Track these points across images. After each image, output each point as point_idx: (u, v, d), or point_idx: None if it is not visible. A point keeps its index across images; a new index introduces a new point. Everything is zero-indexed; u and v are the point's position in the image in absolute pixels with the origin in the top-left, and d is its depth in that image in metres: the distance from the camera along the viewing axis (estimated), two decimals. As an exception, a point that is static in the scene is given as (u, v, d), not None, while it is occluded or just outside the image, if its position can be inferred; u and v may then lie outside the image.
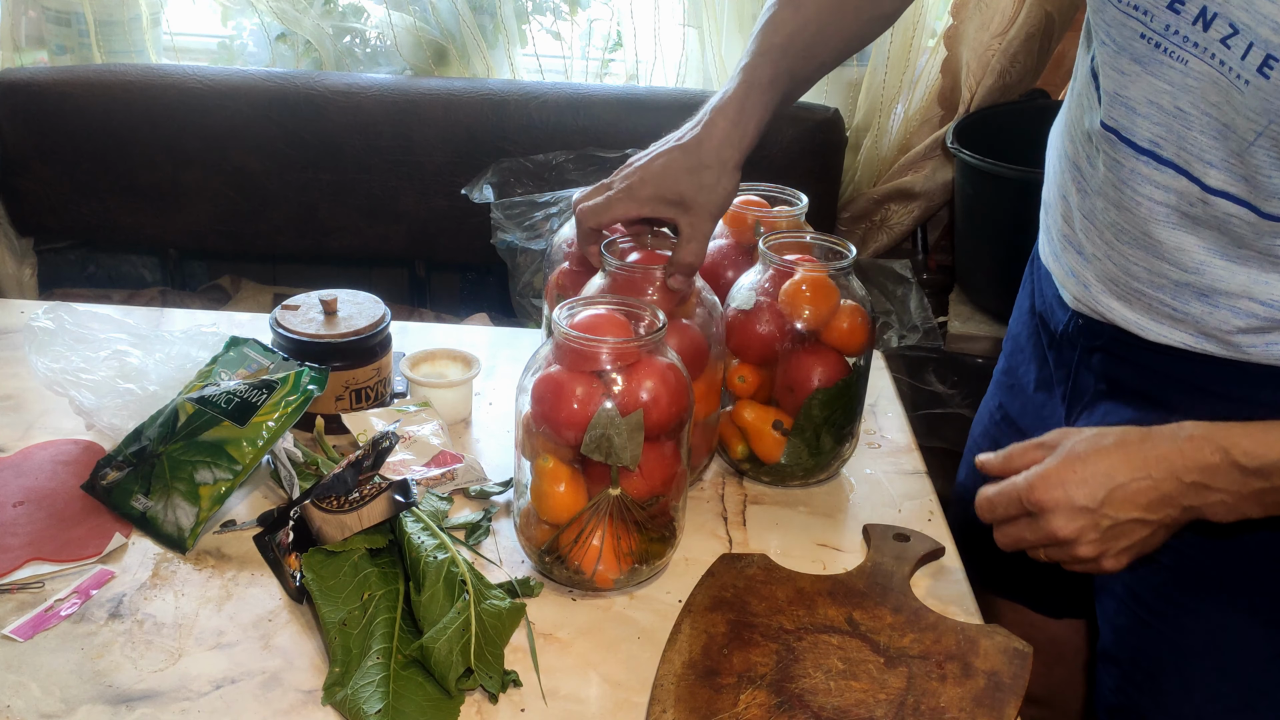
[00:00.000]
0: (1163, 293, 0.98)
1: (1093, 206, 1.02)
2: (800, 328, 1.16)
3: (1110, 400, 1.07)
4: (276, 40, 2.33)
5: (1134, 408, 1.05)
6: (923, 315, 2.20)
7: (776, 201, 1.30)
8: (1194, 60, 0.88)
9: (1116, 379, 1.06)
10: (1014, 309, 1.25)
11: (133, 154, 2.18)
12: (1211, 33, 0.85)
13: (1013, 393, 1.23)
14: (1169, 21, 0.88)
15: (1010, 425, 1.23)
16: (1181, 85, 0.89)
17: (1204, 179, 0.91)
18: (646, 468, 1.01)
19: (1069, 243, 1.07)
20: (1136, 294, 1.00)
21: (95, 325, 1.29)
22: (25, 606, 1.00)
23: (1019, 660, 0.98)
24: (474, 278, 2.46)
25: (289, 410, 1.12)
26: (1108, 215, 1.00)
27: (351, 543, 1.02)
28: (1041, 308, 1.15)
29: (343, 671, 0.93)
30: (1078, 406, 1.11)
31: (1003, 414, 1.25)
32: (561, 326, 0.99)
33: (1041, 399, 1.17)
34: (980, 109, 2.14)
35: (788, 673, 0.96)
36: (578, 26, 2.35)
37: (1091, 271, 1.04)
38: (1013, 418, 1.23)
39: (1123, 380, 1.06)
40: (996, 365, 1.27)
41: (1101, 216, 1.01)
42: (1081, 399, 1.11)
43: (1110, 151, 0.97)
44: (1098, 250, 1.02)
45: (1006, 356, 1.25)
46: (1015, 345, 1.23)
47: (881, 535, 1.14)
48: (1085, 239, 1.04)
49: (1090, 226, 1.03)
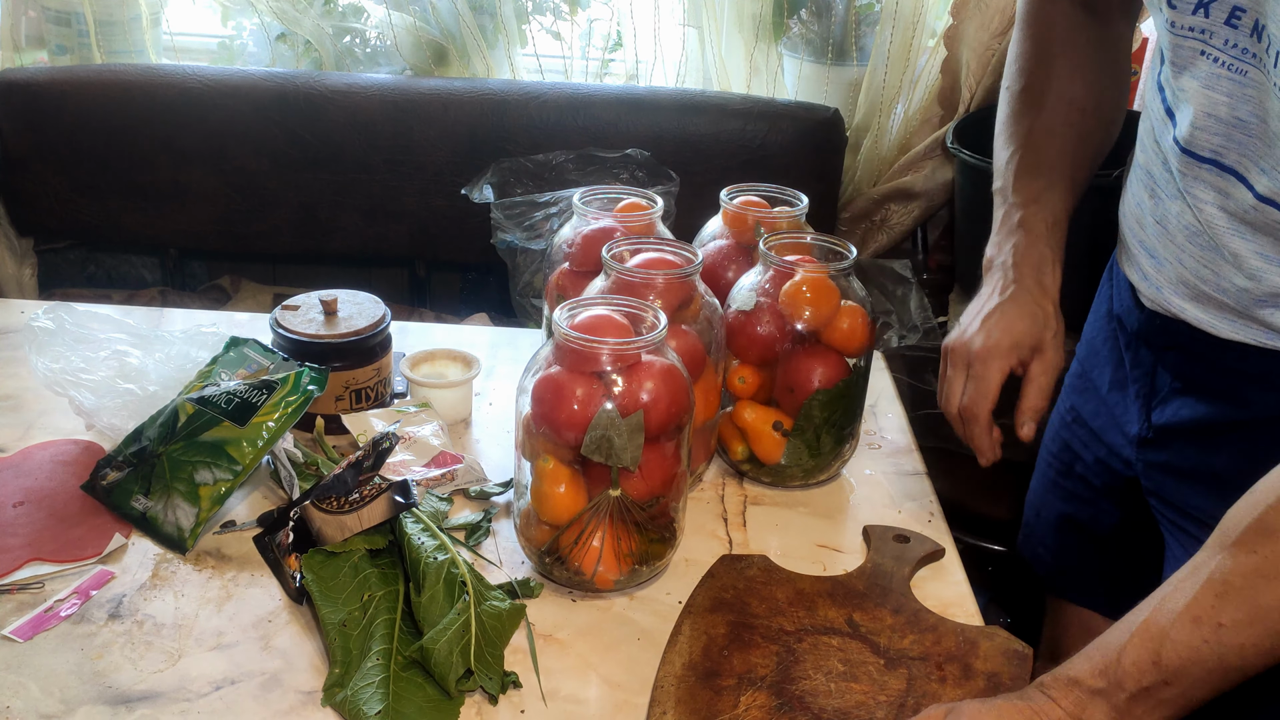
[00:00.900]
0: (1226, 296, 1.00)
1: (1165, 212, 1.05)
2: (800, 328, 1.16)
3: (1184, 396, 1.09)
4: (276, 40, 2.33)
5: (1207, 404, 1.07)
6: (923, 315, 2.20)
7: (777, 202, 1.30)
8: (1253, 71, 0.91)
9: (1191, 376, 1.08)
10: (1089, 314, 1.27)
11: (133, 154, 2.18)
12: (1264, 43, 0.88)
13: (1085, 395, 1.25)
14: (1228, 36, 0.91)
15: (1082, 426, 1.25)
16: (1240, 96, 0.92)
17: (1256, 186, 0.93)
18: (647, 469, 1.00)
19: (1143, 247, 1.09)
20: (1206, 296, 1.02)
21: (95, 325, 1.29)
22: (25, 607, 1.00)
23: (1019, 662, 0.98)
24: (474, 278, 2.45)
25: (289, 411, 1.12)
26: (1179, 220, 1.03)
27: (351, 543, 1.02)
28: (1119, 310, 1.17)
29: (342, 672, 0.93)
30: (1153, 403, 1.13)
31: (1074, 415, 1.27)
32: (562, 327, 0.99)
33: (1115, 399, 1.19)
34: (980, 109, 2.14)
35: (788, 674, 0.96)
36: (578, 26, 2.35)
37: (1164, 274, 1.07)
38: (1084, 419, 1.25)
39: (1197, 377, 1.08)
40: (1068, 370, 1.29)
41: (1173, 222, 1.04)
42: (1157, 396, 1.12)
43: (1177, 161, 1.00)
44: (1169, 254, 1.05)
45: (1080, 361, 1.28)
46: (1090, 349, 1.25)
47: (881, 536, 1.14)
48: (1158, 243, 1.07)
49: (1163, 231, 1.05)
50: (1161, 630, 0.82)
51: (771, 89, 2.29)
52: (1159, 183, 1.05)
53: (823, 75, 2.28)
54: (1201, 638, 0.80)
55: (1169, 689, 0.82)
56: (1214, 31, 0.93)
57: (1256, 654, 0.80)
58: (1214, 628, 0.80)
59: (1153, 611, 0.84)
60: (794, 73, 2.31)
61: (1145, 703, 0.82)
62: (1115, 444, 1.19)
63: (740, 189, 1.31)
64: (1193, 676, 0.81)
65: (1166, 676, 0.82)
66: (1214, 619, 0.80)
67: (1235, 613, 0.79)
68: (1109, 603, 1.31)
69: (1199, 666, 0.81)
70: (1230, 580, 0.80)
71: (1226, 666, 0.80)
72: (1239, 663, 0.80)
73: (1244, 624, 0.79)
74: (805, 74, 2.30)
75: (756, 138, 2.15)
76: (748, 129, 2.15)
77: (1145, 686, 0.82)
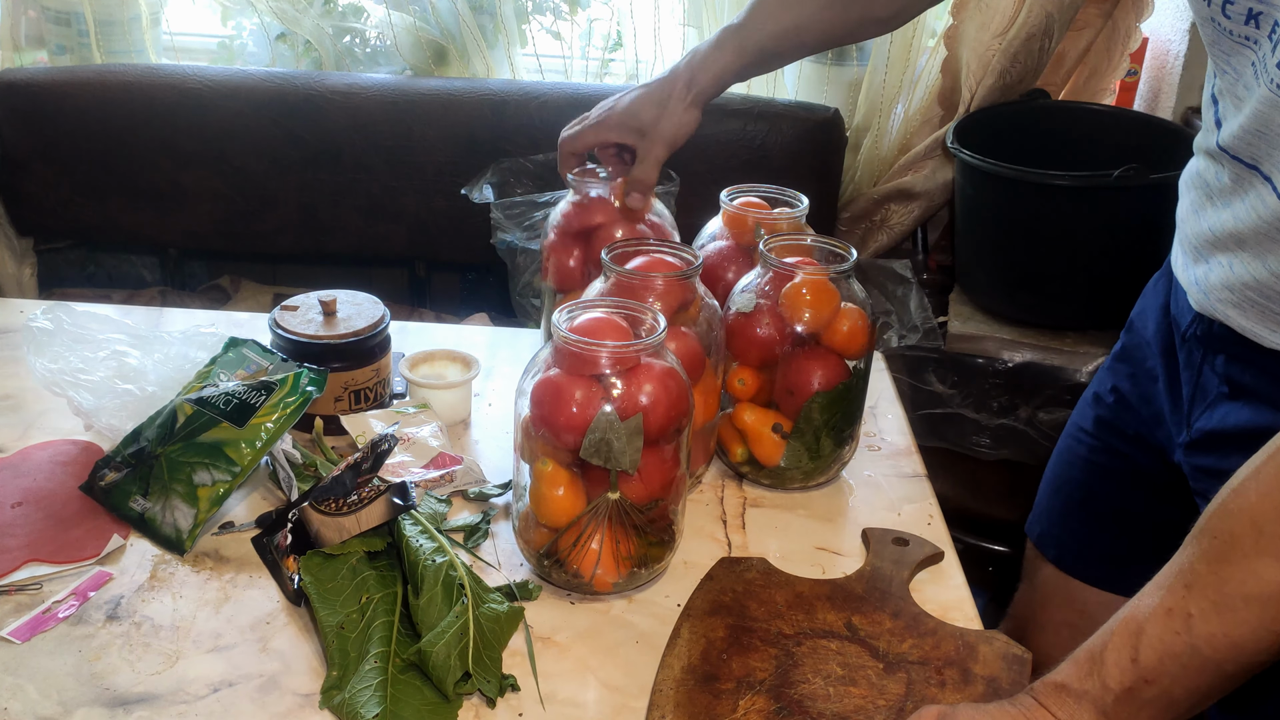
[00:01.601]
0: (1272, 302, 1.00)
1: (1217, 219, 1.05)
2: (800, 330, 1.16)
3: (1231, 401, 1.09)
4: (276, 40, 2.32)
5: (1254, 409, 1.07)
6: (923, 315, 2.19)
7: (777, 203, 1.30)
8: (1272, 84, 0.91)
9: (1238, 382, 1.08)
10: (1139, 304, 1.27)
11: (133, 154, 2.18)
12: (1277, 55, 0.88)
13: (1132, 381, 1.25)
14: (1265, 50, 0.91)
15: (1127, 409, 1.25)
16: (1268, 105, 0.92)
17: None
18: (646, 471, 1.00)
19: (1198, 252, 1.10)
20: (1251, 303, 1.02)
21: (94, 325, 1.29)
22: (23, 608, 1.00)
23: (1018, 666, 0.97)
24: (474, 278, 2.45)
25: (288, 412, 1.12)
26: (1227, 227, 1.03)
27: (350, 545, 1.02)
28: (1175, 311, 1.18)
29: (340, 675, 0.93)
30: (1200, 406, 1.13)
31: (1117, 396, 1.27)
32: (561, 330, 0.99)
33: (1167, 395, 1.19)
34: (980, 109, 2.14)
35: (787, 678, 0.95)
36: (578, 26, 2.35)
37: (1211, 279, 1.07)
38: (1131, 403, 1.24)
39: (1244, 383, 1.08)
40: (1109, 354, 1.31)
41: (1223, 228, 1.04)
42: (1205, 399, 1.12)
43: (1226, 167, 1.01)
44: (1220, 260, 1.05)
45: (1125, 346, 1.28)
46: (1139, 339, 1.25)
47: (881, 539, 1.14)
48: (1211, 249, 1.07)
49: (1215, 238, 1.05)
50: (1139, 625, 0.82)
51: (771, 89, 2.29)
52: (1213, 190, 1.06)
53: (823, 75, 2.28)
54: (1174, 630, 0.81)
55: (1150, 688, 0.82)
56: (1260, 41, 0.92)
57: (1227, 645, 0.79)
58: (1184, 619, 0.80)
59: (1132, 608, 0.84)
60: (794, 73, 2.31)
61: (1130, 704, 0.82)
62: (1162, 438, 1.19)
63: (740, 189, 1.30)
64: (1170, 673, 0.81)
65: (1146, 675, 0.81)
66: (1184, 609, 0.80)
67: (1202, 601, 0.80)
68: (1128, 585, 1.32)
69: (1174, 661, 0.81)
70: (1196, 568, 0.81)
71: (1201, 660, 0.80)
72: (1211, 654, 0.80)
73: (1210, 612, 0.79)
74: (805, 74, 2.30)
75: (756, 138, 2.15)
76: (748, 129, 2.15)
77: (1127, 687, 0.82)
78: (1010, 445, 2.07)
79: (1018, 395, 2.06)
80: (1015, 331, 2.07)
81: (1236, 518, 0.79)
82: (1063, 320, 2.06)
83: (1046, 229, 1.95)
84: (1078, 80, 2.24)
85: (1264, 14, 0.91)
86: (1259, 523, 0.78)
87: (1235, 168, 0.99)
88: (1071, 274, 1.99)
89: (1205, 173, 1.07)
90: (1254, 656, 0.80)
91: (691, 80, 1.24)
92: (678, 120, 1.24)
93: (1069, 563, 1.36)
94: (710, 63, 1.25)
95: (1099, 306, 1.99)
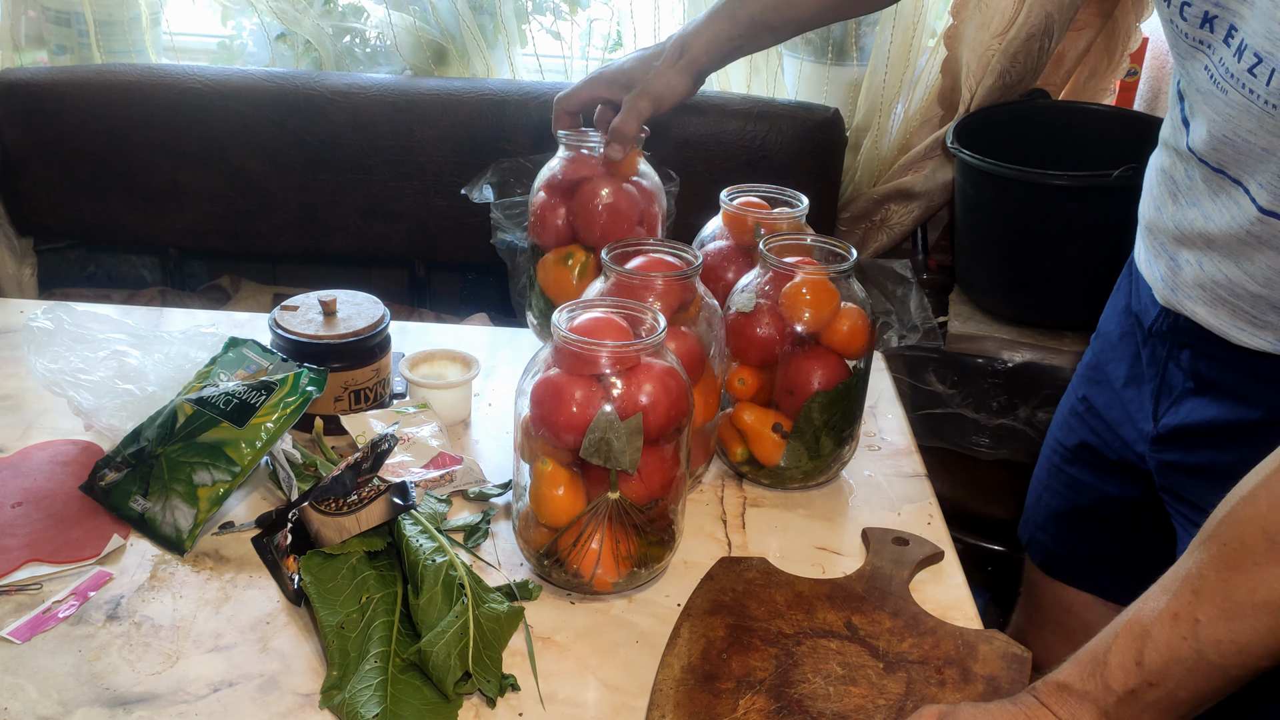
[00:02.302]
0: (1242, 302, 1.01)
1: (1184, 217, 1.05)
2: (800, 330, 1.16)
3: (1197, 397, 1.09)
4: (276, 40, 2.32)
5: (1220, 405, 1.07)
6: (923, 315, 2.19)
7: (777, 203, 1.30)
8: (1232, 91, 0.91)
9: (1205, 377, 1.08)
10: (1106, 307, 1.29)
11: (133, 154, 2.18)
12: (1242, 63, 0.89)
13: (1099, 388, 1.26)
14: (1221, 55, 0.92)
15: (1096, 417, 1.26)
16: (1225, 115, 0.93)
17: (1258, 199, 0.94)
18: (645, 471, 1.00)
19: (1163, 249, 1.10)
20: (1221, 300, 1.03)
21: (94, 325, 1.29)
22: (23, 608, 1.00)
23: (1017, 665, 0.97)
24: (474, 278, 2.45)
25: (288, 412, 1.12)
26: (1196, 225, 1.03)
27: (350, 545, 1.02)
28: (1137, 308, 1.18)
29: (340, 675, 0.93)
30: (1166, 402, 1.13)
31: (1086, 405, 1.28)
32: (561, 330, 0.99)
33: (1131, 394, 1.20)
34: (980, 109, 2.14)
35: (787, 678, 0.95)
36: (578, 26, 2.35)
37: (1180, 276, 1.07)
38: (1098, 410, 1.25)
39: (1210, 378, 1.08)
40: (1080, 361, 1.32)
41: (1191, 227, 1.04)
42: (1170, 395, 1.13)
43: (1195, 169, 1.01)
44: (1189, 257, 1.05)
45: (1094, 354, 1.29)
46: (1105, 343, 1.26)
47: (881, 539, 1.14)
48: (1176, 247, 1.07)
49: (1181, 235, 1.06)
50: (1144, 629, 0.82)
51: (771, 89, 2.29)
52: (1180, 188, 1.06)
53: (823, 75, 2.28)
54: (1180, 635, 0.81)
55: (1153, 690, 0.82)
56: (1215, 46, 0.93)
57: (1234, 650, 0.80)
58: (1191, 624, 0.80)
59: (1136, 611, 0.84)
60: (794, 73, 2.31)
61: (1132, 706, 0.82)
62: (1129, 438, 1.20)
63: (740, 189, 1.30)
64: (1175, 677, 0.81)
65: (1150, 677, 0.82)
66: (1191, 615, 0.80)
67: (1210, 608, 0.80)
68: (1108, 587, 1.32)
69: (1179, 665, 0.81)
70: (1205, 574, 0.81)
71: (1207, 665, 0.80)
72: (1218, 659, 0.80)
73: (1218, 618, 0.79)
74: (805, 74, 2.30)
75: (756, 138, 2.15)
76: (747, 129, 2.15)
77: (1131, 689, 0.82)
78: (1010, 445, 2.08)
79: (1017, 395, 2.06)
80: (1015, 331, 2.07)
81: (1247, 525, 0.79)
82: (1062, 320, 2.06)
83: (1046, 229, 1.95)
84: (1078, 80, 2.24)
85: (1219, 18, 0.91)
86: (1270, 531, 0.78)
87: (1205, 171, 1.00)
88: (1071, 274, 1.99)
89: (1172, 170, 1.07)
90: (1260, 661, 0.80)
91: (684, 47, 1.27)
92: (665, 80, 1.27)
93: (1055, 567, 1.37)
94: (701, 30, 1.28)
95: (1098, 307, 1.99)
